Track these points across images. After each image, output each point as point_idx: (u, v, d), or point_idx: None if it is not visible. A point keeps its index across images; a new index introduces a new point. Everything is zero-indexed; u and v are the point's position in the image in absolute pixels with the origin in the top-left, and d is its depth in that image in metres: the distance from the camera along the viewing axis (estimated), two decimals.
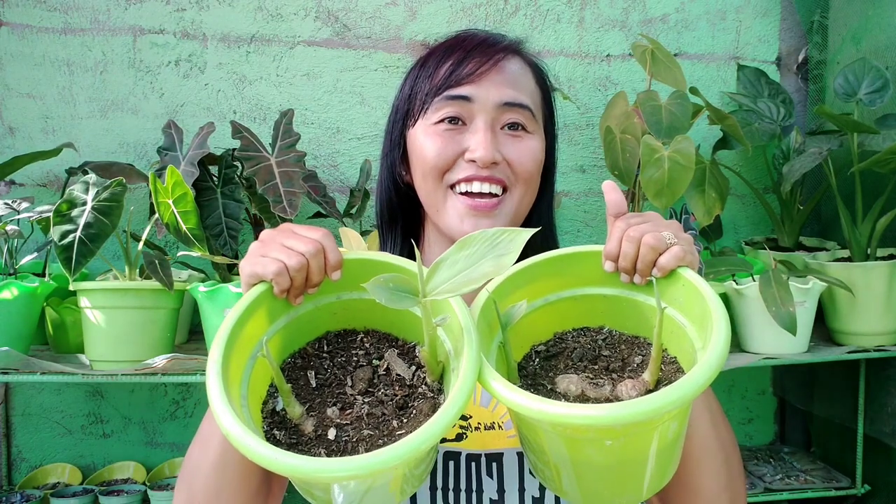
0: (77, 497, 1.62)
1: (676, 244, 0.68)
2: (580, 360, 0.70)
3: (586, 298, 0.74)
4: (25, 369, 1.36)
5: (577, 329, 0.74)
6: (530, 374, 0.69)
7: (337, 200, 1.72)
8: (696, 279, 0.65)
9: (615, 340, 0.72)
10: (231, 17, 1.81)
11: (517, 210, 0.88)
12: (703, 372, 0.55)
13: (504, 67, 0.87)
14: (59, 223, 1.28)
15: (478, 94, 0.85)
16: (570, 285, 0.74)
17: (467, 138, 0.85)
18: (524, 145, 0.86)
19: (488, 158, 0.83)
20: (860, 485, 1.75)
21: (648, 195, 1.50)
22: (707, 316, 0.61)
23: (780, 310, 1.44)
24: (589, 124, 1.94)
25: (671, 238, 0.68)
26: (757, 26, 1.99)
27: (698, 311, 0.64)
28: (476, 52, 0.86)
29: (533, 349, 0.73)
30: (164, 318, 1.42)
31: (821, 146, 1.65)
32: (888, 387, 1.72)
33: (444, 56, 0.88)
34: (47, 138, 1.76)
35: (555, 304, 0.74)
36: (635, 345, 0.71)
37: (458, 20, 1.88)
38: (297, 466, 0.52)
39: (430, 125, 0.86)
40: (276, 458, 0.52)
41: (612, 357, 0.70)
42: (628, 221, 0.71)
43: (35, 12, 1.75)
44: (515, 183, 0.86)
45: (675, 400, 0.53)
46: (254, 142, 1.52)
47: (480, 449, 0.84)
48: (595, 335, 0.73)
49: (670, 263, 0.67)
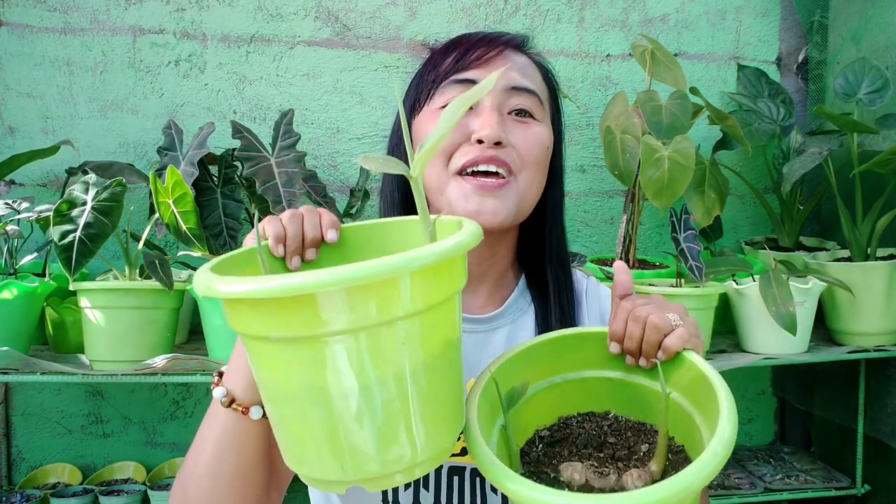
0: (77, 497, 1.62)
1: (682, 326, 0.67)
2: (585, 446, 0.68)
3: (591, 381, 0.72)
4: (25, 369, 1.36)
5: (582, 414, 0.73)
6: (533, 461, 0.67)
7: (337, 200, 1.71)
8: (701, 363, 0.65)
9: (621, 427, 0.71)
10: (231, 17, 1.81)
11: (525, 195, 0.84)
12: (709, 462, 0.53)
13: (510, 57, 0.85)
14: (59, 223, 1.28)
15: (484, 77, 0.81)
16: (575, 367, 0.73)
17: (473, 121, 0.82)
18: (531, 131, 0.84)
19: (494, 137, 0.80)
20: (860, 485, 1.75)
21: (648, 195, 1.50)
22: (713, 401, 0.60)
23: (780, 310, 1.44)
24: (589, 124, 1.94)
25: (676, 320, 0.67)
26: (757, 26, 1.99)
27: (704, 397, 0.63)
28: (481, 43, 0.85)
29: (536, 434, 0.71)
30: (164, 318, 1.42)
31: (821, 146, 1.65)
32: (888, 387, 1.72)
33: (449, 49, 0.87)
34: (47, 138, 1.76)
35: (559, 385, 0.72)
36: (642, 432, 0.70)
37: (458, 20, 1.88)
38: None
39: (436, 110, 0.84)
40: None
41: (618, 444, 0.68)
42: (634, 302, 0.70)
43: (35, 12, 1.75)
44: (522, 168, 0.83)
45: (680, 491, 0.51)
46: (254, 142, 1.52)
47: None
48: (601, 421, 0.72)
49: (675, 345, 0.66)
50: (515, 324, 0.90)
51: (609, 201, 1.96)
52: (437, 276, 0.53)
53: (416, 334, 0.53)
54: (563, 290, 0.90)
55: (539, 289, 0.91)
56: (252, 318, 0.52)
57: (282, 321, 0.50)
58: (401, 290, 0.51)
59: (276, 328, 0.51)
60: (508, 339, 0.88)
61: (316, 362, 0.51)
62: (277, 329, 0.51)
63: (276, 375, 0.54)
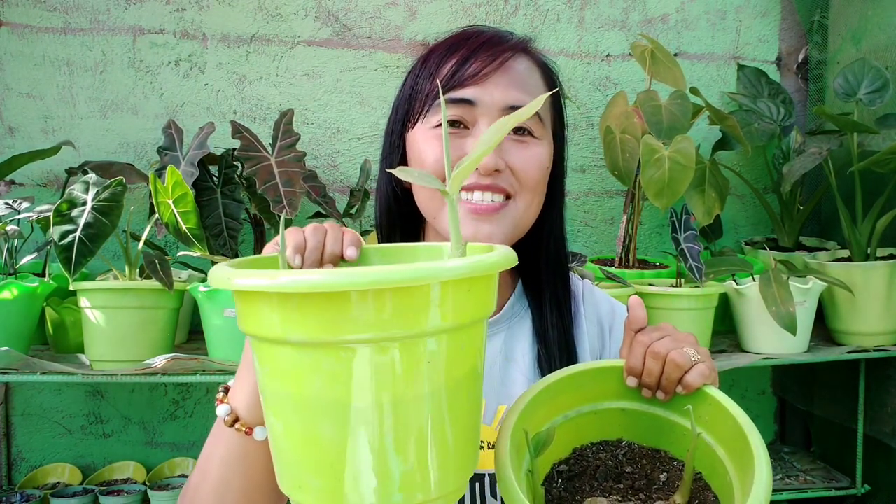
0: (77, 497, 1.62)
1: (701, 362, 0.68)
2: (605, 479, 0.68)
3: (605, 412, 0.73)
4: (25, 369, 1.36)
5: (595, 443, 0.73)
6: (556, 499, 0.67)
7: (337, 200, 1.72)
8: (724, 398, 0.66)
9: (636, 455, 0.71)
10: (231, 17, 1.81)
11: (522, 217, 0.82)
12: None
13: (510, 68, 0.81)
14: (59, 223, 1.28)
15: (482, 96, 0.79)
16: (590, 400, 0.73)
17: (469, 143, 0.79)
18: (530, 152, 0.81)
19: (490, 166, 0.77)
20: (860, 485, 1.75)
21: (648, 195, 1.50)
22: (740, 438, 0.62)
23: (780, 310, 1.44)
24: (589, 124, 1.94)
25: (695, 356, 0.68)
26: (757, 26, 1.99)
27: (727, 431, 0.64)
28: (481, 50, 0.81)
29: (554, 469, 0.70)
30: (164, 318, 1.42)
31: (821, 146, 1.65)
32: (888, 387, 1.72)
33: (447, 54, 0.82)
34: (47, 138, 1.76)
35: (574, 419, 0.73)
36: (657, 459, 0.70)
37: (458, 20, 1.88)
38: None
39: (430, 128, 0.81)
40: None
41: (636, 473, 0.69)
42: (650, 336, 0.71)
43: (35, 12, 1.75)
44: (520, 191, 0.81)
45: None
46: (254, 142, 1.52)
47: (484, 469, 0.83)
48: (615, 449, 0.72)
49: (696, 382, 0.67)
50: (512, 330, 0.89)
51: (609, 201, 1.96)
52: (471, 291, 0.51)
53: (443, 355, 0.50)
54: (560, 296, 0.89)
55: (536, 294, 0.90)
56: (271, 318, 0.48)
57: (304, 322, 0.47)
58: (431, 300, 0.48)
59: (296, 330, 0.47)
60: (505, 346, 0.88)
61: (335, 371, 0.48)
62: (298, 331, 0.47)
63: (287, 384, 0.50)
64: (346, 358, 0.48)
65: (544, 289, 0.89)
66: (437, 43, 0.86)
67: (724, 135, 1.84)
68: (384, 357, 0.48)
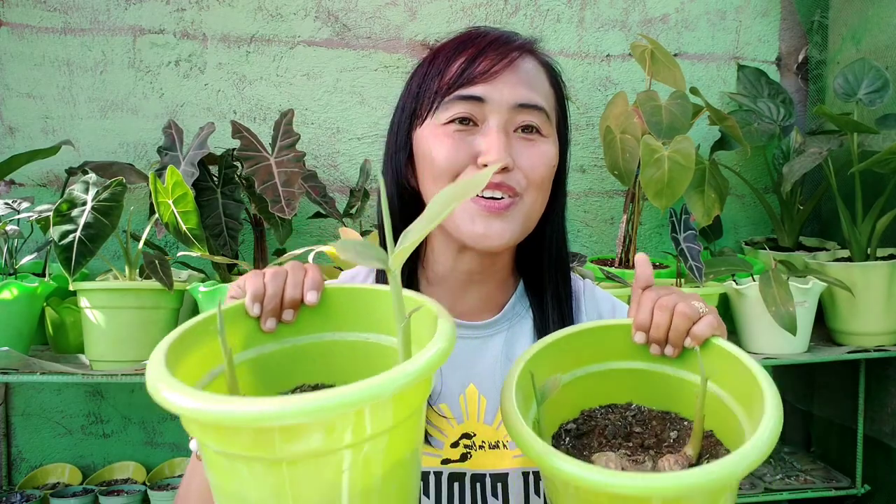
0: (77, 497, 1.62)
1: (709, 313, 0.68)
2: (614, 437, 0.68)
3: (612, 373, 0.72)
4: (25, 369, 1.36)
5: (604, 406, 0.72)
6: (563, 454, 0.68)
7: (337, 200, 1.72)
8: (733, 348, 0.64)
9: (645, 417, 0.71)
10: (231, 17, 1.81)
11: (530, 214, 0.83)
12: (765, 438, 0.53)
13: (519, 66, 0.82)
14: (59, 223, 1.28)
15: (491, 94, 0.79)
16: (597, 359, 0.72)
17: (479, 141, 0.79)
18: (538, 150, 0.82)
19: (502, 164, 0.78)
20: (860, 485, 1.75)
21: (648, 195, 1.50)
22: (751, 383, 0.60)
23: (780, 310, 1.44)
24: (589, 124, 1.94)
25: (703, 308, 0.68)
26: (757, 26, 1.99)
27: (738, 381, 0.63)
28: (490, 49, 0.81)
29: (562, 428, 0.70)
30: (164, 318, 1.42)
31: (821, 146, 1.65)
32: (888, 387, 1.72)
33: (456, 53, 0.82)
34: (47, 138, 1.76)
35: (581, 379, 0.72)
36: (667, 420, 0.69)
37: (458, 20, 1.88)
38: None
39: (438, 126, 0.81)
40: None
41: (645, 433, 0.68)
42: (658, 292, 0.71)
43: (35, 12, 1.75)
44: (527, 189, 0.81)
45: (747, 466, 0.51)
46: (254, 142, 1.53)
47: (485, 469, 0.83)
48: (624, 412, 0.71)
49: (705, 332, 0.66)
50: (513, 329, 0.89)
51: (609, 201, 1.96)
52: (396, 402, 0.49)
53: (366, 457, 0.49)
54: (561, 295, 0.89)
55: (537, 294, 0.90)
56: (192, 427, 0.51)
57: (221, 440, 0.49)
58: (344, 424, 0.47)
59: (214, 443, 0.49)
60: (506, 345, 0.88)
61: (256, 475, 0.49)
62: (216, 445, 0.49)
63: (214, 475, 0.52)
64: (264, 469, 0.48)
65: (546, 288, 0.89)
66: (444, 42, 0.86)
67: (724, 135, 1.83)
68: (303, 468, 0.48)
